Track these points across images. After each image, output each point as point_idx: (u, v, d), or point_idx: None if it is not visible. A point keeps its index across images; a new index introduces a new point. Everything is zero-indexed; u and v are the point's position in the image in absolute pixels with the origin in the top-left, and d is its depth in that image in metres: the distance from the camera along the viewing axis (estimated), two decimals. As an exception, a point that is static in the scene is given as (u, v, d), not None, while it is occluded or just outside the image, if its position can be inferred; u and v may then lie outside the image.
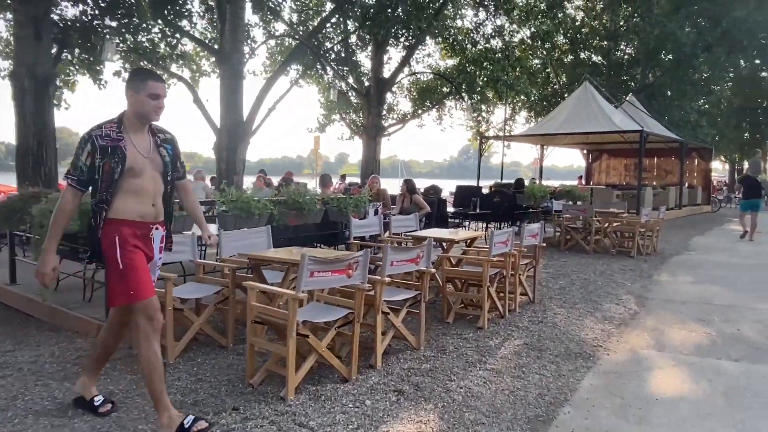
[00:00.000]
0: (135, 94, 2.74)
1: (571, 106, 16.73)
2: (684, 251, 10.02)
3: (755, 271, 7.96)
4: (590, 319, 5.16)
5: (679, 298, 6.17)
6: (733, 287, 6.73)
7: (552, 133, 16.39)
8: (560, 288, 6.51)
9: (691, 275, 7.60)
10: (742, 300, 6.04)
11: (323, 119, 16.58)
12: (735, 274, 7.68)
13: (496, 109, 24.31)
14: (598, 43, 26.25)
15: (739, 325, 5.03)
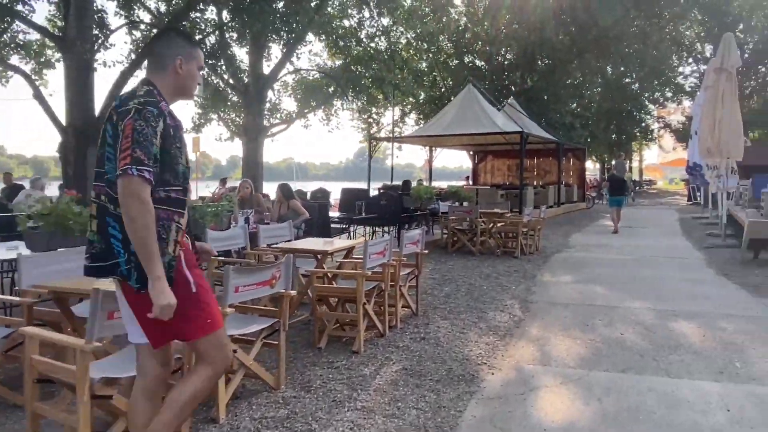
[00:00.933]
0: (184, 63, 2.10)
1: (456, 108, 16.87)
2: (564, 249, 10.21)
3: (630, 267, 8.16)
4: (475, 331, 4.78)
5: (563, 300, 6.02)
6: (612, 286, 6.75)
7: (439, 135, 16.38)
8: (445, 296, 6.12)
9: (572, 274, 7.60)
10: (621, 299, 6.02)
11: (198, 118, 15.31)
12: (613, 271, 7.81)
13: (386, 111, 24.26)
14: (480, 47, 27.10)
15: (622, 328, 4.89)
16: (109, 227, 1.95)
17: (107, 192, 1.96)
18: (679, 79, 39.97)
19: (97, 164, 2.00)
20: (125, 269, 1.94)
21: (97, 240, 1.99)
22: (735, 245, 9.94)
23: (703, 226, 13.91)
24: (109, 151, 1.96)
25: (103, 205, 1.97)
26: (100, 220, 1.98)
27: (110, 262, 1.96)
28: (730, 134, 9.65)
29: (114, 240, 1.95)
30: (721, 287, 6.65)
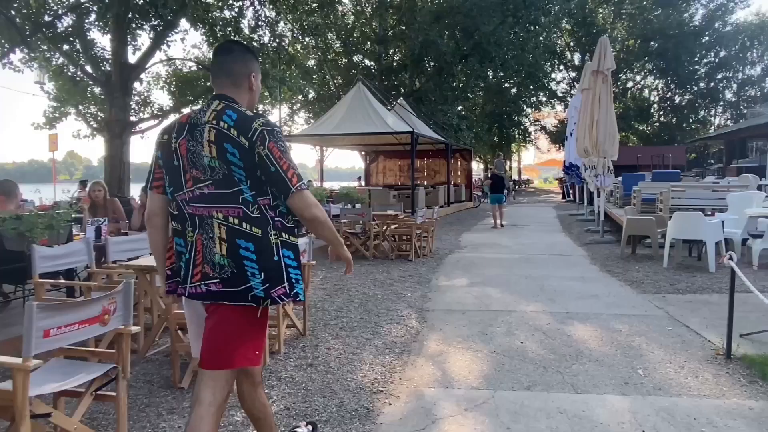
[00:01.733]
0: (255, 79, 2.15)
1: (346, 106, 16.41)
2: (456, 249, 10.10)
3: (520, 266, 8.14)
4: (370, 350, 4.26)
5: (459, 306, 5.71)
6: (506, 287, 6.60)
7: (328, 134, 15.81)
8: (337, 309, 5.56)
9: (466, 276, 7.39)
10: (516, 302, 5.84)
11: (52, 112, 13.37)
12: (504, 271, 7.71)
13: (274, 108, 23.23)
14: (369, 47, 26.97)
15: (521, 335, 4.63)
16: (241, 249, 1.92)
17: (241, 212, 1.93)
18: (551, 84, 42.95)
19: (219, 186, 1.92)
20: (261, 291, 1.93)
21: (226, 264, 1.92)
22: (612, 241, 10.42)
23: (580, 223, 14.66)
24: (239, 172, 1.92)
25: (234, 227, 1.92)
26: (230, 242, 1.92)
27: (242, 287, 1.92)
28: (606, 135, 10.07)
29: (248, 262, 1.92)
30: (607, 285, 6.74)
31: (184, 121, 2.01)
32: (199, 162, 1.94)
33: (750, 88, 42.84)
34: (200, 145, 1.93)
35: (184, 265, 2.01)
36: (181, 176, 1.99)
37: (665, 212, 9.50)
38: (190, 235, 1.99)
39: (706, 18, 40.47)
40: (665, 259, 7.56)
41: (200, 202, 1.95)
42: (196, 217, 1.97)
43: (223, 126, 1.92)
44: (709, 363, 3.89)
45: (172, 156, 2.00)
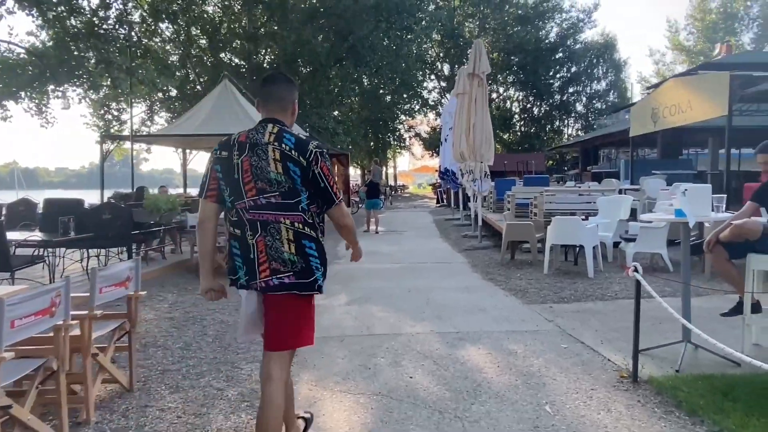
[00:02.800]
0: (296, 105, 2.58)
1: (211, 105, 14.96)
2: (335, 260, 9.29)
3: (403, 277, 7.54)
4: (221, 407, 3.28)
5: (337, 331, 4.89)
6: (389, 304, 5.92)
7: (191, 134, 14.24)
8: (185, 347, 4.46)
9: (346, 291, 6.61)
10: (401, 322, 5.16)
11: None
12: (387, 284, 7.06)
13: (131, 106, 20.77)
14: (239, 45, 25.37)
15: (410, 367, 3.93)
16: (307, 248, 2.33)
17: (302, 219, 2.34)
18: (424, 93, 44.15)
19: (285, 197, 2.30)
20: (322, 282, 2.40)
21: (297, 260, 2.32)
22: (490, 246, 10.28)
23: (457, 228, 14.62)
24: (300, 186, 2.32)
25: (299, 231, 2.33)
26: (298, 243, 2.32)
27: (311, 279, 2.34)
28: (482, 139, 9.91)
29: (312, 259, 2.34)
30: (492, 295, 6.33)
31: (243, 141, 2.35)
32: (265, 176, 2.29)
33: (597, 101, 47.41)
34: (265, 162, 2.29)
35: (244, 265, 2.33)
36: (241, 187, 2.31)
37: (540, 217, 9.51)
38: (249, 238, 2.31)
39: (560, 36, 44.10)
40: (546, 265, 7.39)
41: (266, 209, 2.30)
42: (258, 222, 2.31)
43: (285, 148, 2.30)
44: (617, 389, 3.46)
45: (232, 170, 2.32)
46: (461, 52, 45.51)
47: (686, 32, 51.47)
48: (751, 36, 47.49)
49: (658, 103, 13.16)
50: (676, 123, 12.18)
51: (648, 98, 14.00)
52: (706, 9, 48.81)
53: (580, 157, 27.42)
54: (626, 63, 56.75)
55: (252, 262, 2.31)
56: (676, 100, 12.17)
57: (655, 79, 54.81)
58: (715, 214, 3.91)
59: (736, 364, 3.67)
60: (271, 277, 2.30)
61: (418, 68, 37.03)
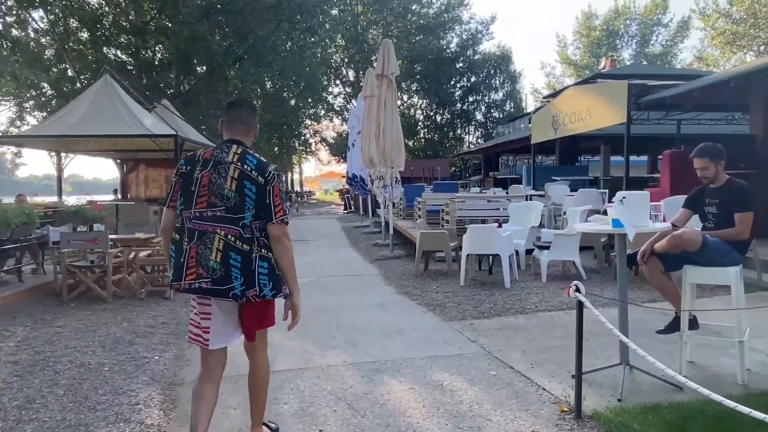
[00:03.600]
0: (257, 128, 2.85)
1: (89, 103, 13.27)
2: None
3: (312, 294, 6.81)
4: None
5: (232, 369, 3.97)
6: (296, 330, 5.15)
7: (65, 135, 12.52)
8: (25, 403, 3.44)
9: (243, 316, 5.75)
10: (310, 352, 4.45)
11: None
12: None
13: None
14: (125, 39, 23.24)
15: (320, 414, 3.24)
16: (231, 259, 2.51)
17: (238, 233, 2.52)
18: (329, 98, 43.57)
19: (229, 211, 2.52)
20: (239, 291, 2.52)
21: (218, 268, 2.50)
22: (402, 255, 9.81)
23: (367, 236, 14.09)
24: (250, 203, 2.54)
25: (230, 243, 2.51)
26: (225, 254, 2.51)
27: (227, 286, 2.51)
28: (393, 143, 9.43)
29: (234, 269, 2.51)
30: (409, 312, 5.79)
31: (208, 158, 2.60)
32: (219, 192, 2.54)
33: (495, 110, 49.31)
34: (223, 179, 2.54)
35: (176, 267, 2.57)
36: (194, 199, 2.56)
37: (452, 224, 9.18)
38: (185, 244, 2.55)
39: (460, 46, 45.38)
40: (462, 276, 6.98)
41: (209, 221, 2.53)
42: (196, 232, 2.54)
43: (246, 168, 2.56)
44: (560, 429, 2.99)
45: (191, 183, 2.57)
46: (366, 57, 45.45)
47: (573, 47, 55.11)
48: (630, 52, 51.64)
49: (559, 111, 13.47)
50: (576, 130, 12.48)
51: (548, 106, 14.32)
52: (591, 26, 52.54)
53: (483, 164, 28.10)
54: (521, 75, 59.73)
55: (182, 266, 2.54)
56: (575, 108, 12.47)
57: (547, 90, 58.24)
58: (653, 224, 3.60)
59: (677, 387, 3.36)
60: (194, 280, 2.52)
61: (323, 72, 36.35)
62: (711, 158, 3.65)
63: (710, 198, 3.72)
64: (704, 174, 3.70)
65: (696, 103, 10.04)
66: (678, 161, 9.19)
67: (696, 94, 9.46)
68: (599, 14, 51.77)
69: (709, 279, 3.60)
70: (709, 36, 27.43)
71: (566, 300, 5.91)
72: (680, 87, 9.69)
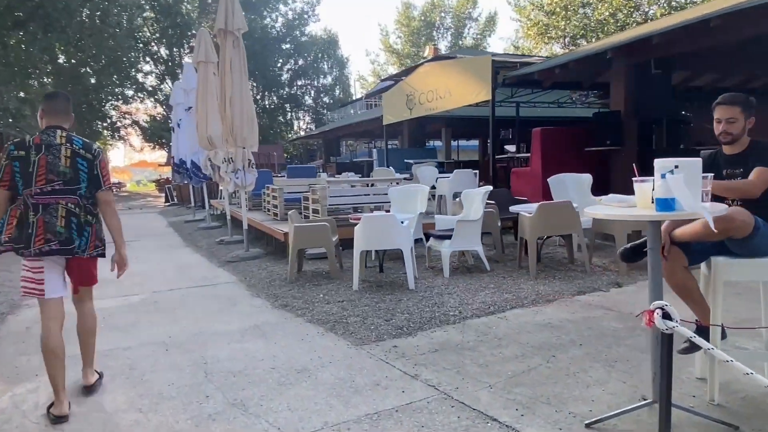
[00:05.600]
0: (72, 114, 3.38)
1: None
2: (26, 301, 5.93)
3: (155, 323, 4.91)
4: None
5: None
6: (141, 386, 3.37)
7: None
8: None
9: (27, 371, 3.72)
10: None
11: None
12: (129, 341, 4.37)
13: None
14: None
15: None
16: (73, 224, 3.06)
17: (77, 202, 3.08)
18: (139, 76, 38.55)
19: (67, 184, 3.05)
20: (81, 249, 3.10)
21: (64, 232, 3.03)
22: (261, 254, 8.11)
23: (205, 232, 11.95)
24: (83, 176, 3.10)
25: (71, 210, 3.06)
26: (68, 220, 3.05)
27: (71, 246, 3.07)
28: (244, 117, 7.64)
29: (74, 232, 3.07)
30: (302, 336, 4.29)
31: (38, 143, 3.03)
32: (56, 169, 3.02)
33: (325, 95, 48.40)
34: (58, 159, 3.02)
35: (19, 237, 2.97)
36: (33, 178, 2.97)
37: (322, 214, 7.76)
38: (32, 217, 2.97)
39: (286, 26, 43.37)
40: (355, 279, 5.61)
41: (50, 195, 3.00)
42: (40, 205, 2.99)
43: (75, 147, 3.09)
44: None
45: (29, 165, 2.98)
46: (180, 33, 41.02)
47: (395, 36, 56.52)
48: (446, 43, 54.46)
49: (413, 89, 12.74)
50: (435, 109, 11.85)
51: (401, 85, 13.55)
52: (411, 16, 54.28)
53: (323, 149, 26.86)
54: (348, 60, 59.57)
55: (29, 235, 2.96)
56: (433, 85, 11.82)
57: (372, 78, 59.15)
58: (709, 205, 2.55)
59: (732, 427, 2.45)
60: (43, 245, 2.98)
61: (129, 46, 31.69)
62: (743, 108, 2.77)
63: (729, 167, 2.87)
64: (729, 129, 2.79)
65: (556, 81, 9.95)
66: (550, 139, 8.91)
67: (558, 70, 9.28)
68: (417, 5, 53.64)
69: (752, 275, 2.76)
70: (525, 27, 29.55)
71: (485, 299, 4.94)
72: (548, 62, 9.47)
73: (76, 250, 3.07)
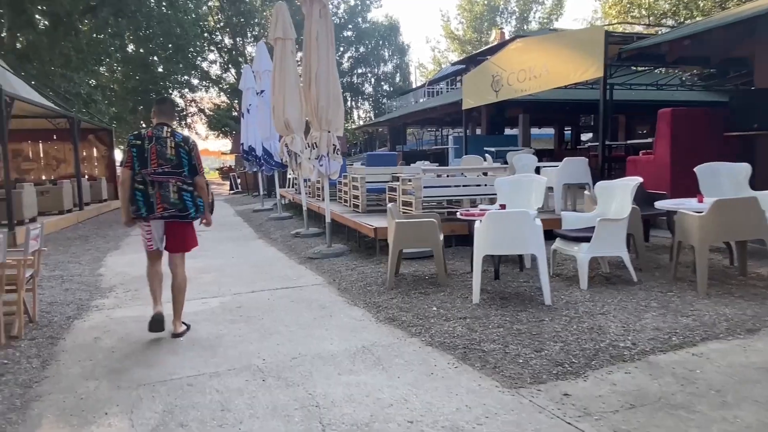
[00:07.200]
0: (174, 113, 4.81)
1: None
2: (92, 301, 5.29)
3: (238, 335, 4.10)
4: None
5: None
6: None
7: None
8: None
9: (113, 406, 2.94)
10: None
11: None
12: (212, 364, 3.55)
13: None
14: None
15: None
16: (184, 197, 4.07)
17: (182, 180, 4.06)
18: (204, 65, 38.81)
19: (174, 168, 4.03)
20: (193, 215, 4.14)
21: (177, 203, 4.04)
22: (344, 251, 7.24)
23: (276, 223, 11.27)
24: (185, 162, 4.07)
25: (180, 187, 4.05)
26: (179, 194, 4.05)
27: (185, 213, 4.08)
28: (330, 97, 6.75)
29: (187, 202, 4.08)
30: (430, 370, 3.34)
31: (150, 135, 4.03)
32: (163, 156, 3.99)
33: (385, 83, 47.45)
34: (165, 148, 4.00)
35: (145, 207, 4.00)
36: (147, 161, 3.97)
37: (417, 207, 6.79)
38: (151, 191, 3.99)
39: (348, 12, 42.63)
40: (476, 290, 4.60)
41: (162, 175, 3.99)
42: (156, 182, 3.99)
43: (176, 140, 4.07)
44: None
45: (143, 151, 3.98)
46: (245, 22, 41.00)
47: (457, 21, 54.74)
48: (510, 29, 52.19)
49: (501, 69, 11.52)
50: (526, 90, 10.59)
51: (486, 65, 12.33)
52: (474, 1, 52.37)
53: (388, 137, 25.93)
54: (409, 47, 58.20)
55: (152, 204, 3.99)
56: (526, 63, 10.56)
57: (432, 65, 57.64)
58: None
59: None
60: (163, 212, 4.01)
61: (196, 34, 31.74)
62: None
63: None
64: None
65: (682, 56, 8.52)
66: (682, 122, 7.56)
67: (687, 41, 7.88)
68: (480, -12, 51.61)
69: None
70: (605, 5, 27.41)
71: (657, 325, 3.82)
72: (676, 31, 8.08)
73: (184, 216, 4.07)
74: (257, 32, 40.58)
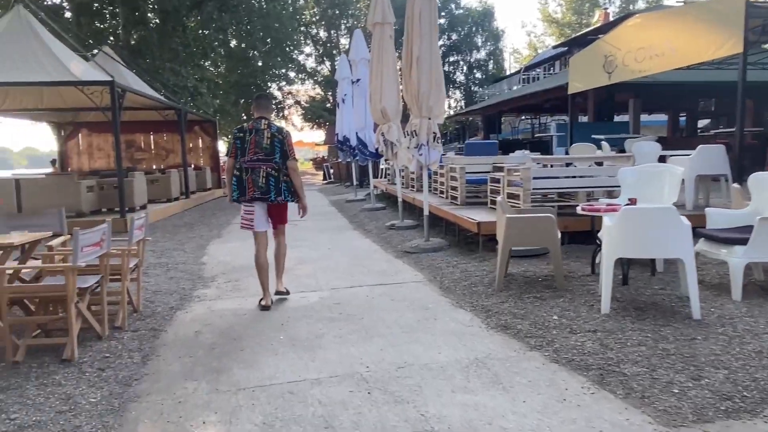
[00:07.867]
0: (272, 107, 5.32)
1: (-8, 40, 9.72)
2: (195, 291, 5.27)
3: (340, 337, 3.83)
4: None
5: None
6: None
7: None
8: None
9: (211, 412, 2.73)
10: None
11: None
12: (312, 370, 3.30)
13: None
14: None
15: None
16: (272, 181, 4.54)
17: (274, 166, 4.54)
18: (300, 57, 39.67)
19: (267, 155, 4.53)
20: (285, 197, 4.63)
21: (264, 186, 4.53)
22: (443, 246, 6.82)
23: (370, 214, 11.05)
24: (278, 150, 4.55)
25: (269, 172, 4.53)
26: (267, 179, 4.52)
27: (268, 195, 4.56)
28: (431, 82, 6.32)
29: (273, 186, 4.55)
30: (562, 395, 2.85)
31: (251, 128, 4.56)
32: (260, 145, 4.52)
33: (477, 71, 46.17)
34: (262, 138, 4.51)
35: (238, 191, 4.56)
36: (246, 150, 4.52)
37: (525, 201, 6.21)
38: (245, 176, 4.52)
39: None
40: (605, 299, 3.99)
41: (256, 162, 4.51)
42: (250, 169, 4.51)
43: (273, 131, 4.57)
44: None
45: (244, 142, 4.54)
46: (340, 13, 41.48)
47: (555, 4, 51.97)
48: (614, 9, 48.71)
49: (616, 49, 10.48)
50: (646, 71, 9.54)
51: (598, 44, 11.31)
52: (574, -19, 49.41)
53: (482, 125, 25.06)
54: (503, 33, 56.25)
55: (244, 188, 4.54)
56: (645, 41, 9.50)
57: (527, 50, 55.27)
58: None
59: None
60: (253, 194, 4.53)
61: (294, 27, 32.43)
62: None
63: None
64: None
65: None
66: None
67: None
68: (583, -31, 48.57)
69: None
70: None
71: None
72: None
73: (270, 198, 4.55)
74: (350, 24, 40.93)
